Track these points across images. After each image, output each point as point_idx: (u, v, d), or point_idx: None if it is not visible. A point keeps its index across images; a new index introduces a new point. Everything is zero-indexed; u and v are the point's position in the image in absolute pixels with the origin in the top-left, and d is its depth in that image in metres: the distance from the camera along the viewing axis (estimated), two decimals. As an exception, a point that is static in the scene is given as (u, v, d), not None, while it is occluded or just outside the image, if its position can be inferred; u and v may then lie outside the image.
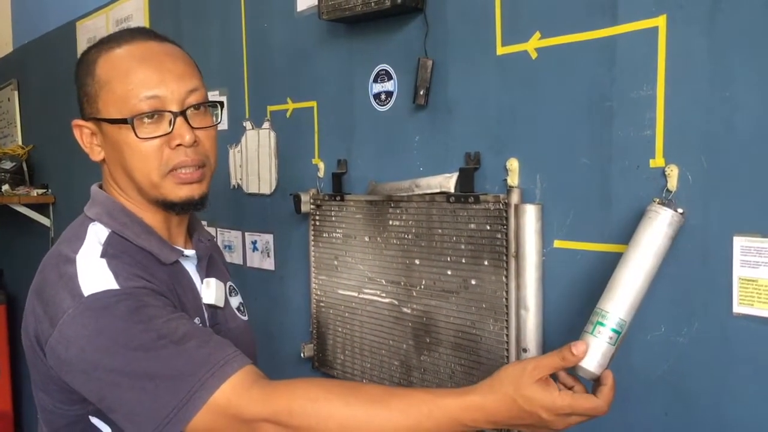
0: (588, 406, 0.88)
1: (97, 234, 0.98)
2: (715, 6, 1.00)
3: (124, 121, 0.94)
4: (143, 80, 0.95)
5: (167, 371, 0.86)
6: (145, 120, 0.95)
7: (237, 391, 0.86)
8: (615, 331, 0.95)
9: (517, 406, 0.87)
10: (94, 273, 0.91)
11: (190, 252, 1.06)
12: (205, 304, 1.06)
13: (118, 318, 0.87)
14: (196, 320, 1.02)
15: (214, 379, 0.86)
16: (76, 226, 1.02)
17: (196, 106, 0.99)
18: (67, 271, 0.92)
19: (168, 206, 1.01)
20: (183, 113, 0.96)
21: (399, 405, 0.86)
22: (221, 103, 1.05)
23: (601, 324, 0.96)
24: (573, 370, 0.95)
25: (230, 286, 1.17)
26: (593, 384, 0.93)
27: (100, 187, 1.06)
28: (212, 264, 1.13)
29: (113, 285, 0.90)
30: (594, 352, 0.94)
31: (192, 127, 0.97)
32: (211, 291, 1.07)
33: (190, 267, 1.07)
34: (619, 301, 0.97)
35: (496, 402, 0.87)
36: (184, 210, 1.02)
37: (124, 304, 0.88)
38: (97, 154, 1.02)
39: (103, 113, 0.97)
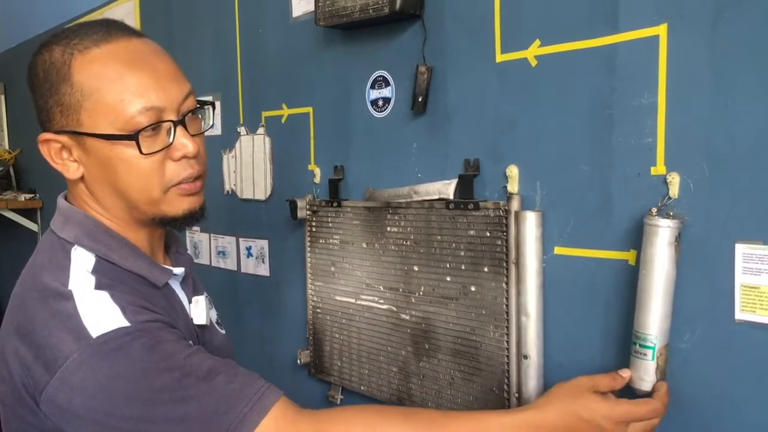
0: (647, 408, 0.91)
1: (82, 261, 0.87)
2: (716, 15, 1.01)
3: (126, 138, 0.84)
4: (139, 89, 0.84)
5: (198, 412, 0.79)
6: (146, 132, 0.85)
7: (280, 424, 0.81)
8: (648, 347, 1.02)
9: (576, 417, 0.88)
10: (98, 309, 0.81)
11: (179, 270, 0.98)
12: (195, 325, 0.99)
13: (135, 359, 0.78)
14: (189, 344, 0.91)
15: (252, 413, 0.80)
16: (49, 250, 0.90)
17: (192, 111, 0.90)
18: (63, 308, 0.81)
19: (167, 222, 0.92)
20: (182, 121, 0.87)
21: (457, 427, 0.85)
22: (213, 104, 0.96)
23: (634, 344, 1.04)
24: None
25: (207, 297, 1.07)
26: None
27: (66, 199, 0.95)
28: (192, 278, 1.06)
29: (122, 321, 0.80)
30: (638, 371, 1.03)
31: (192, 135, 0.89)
32: (200, 310, 0.99)
33: (176, 285, 0.99)
34: (644, 319, 1.03)
35: (555, 415, 0.88)
36: (186, 224, 0.94)
37: (140, 342, 0.79)
38: (74, 172, 0.89)
39: (89, 127, 0.84)
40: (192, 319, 0.99)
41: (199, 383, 0.80)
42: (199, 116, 0.93)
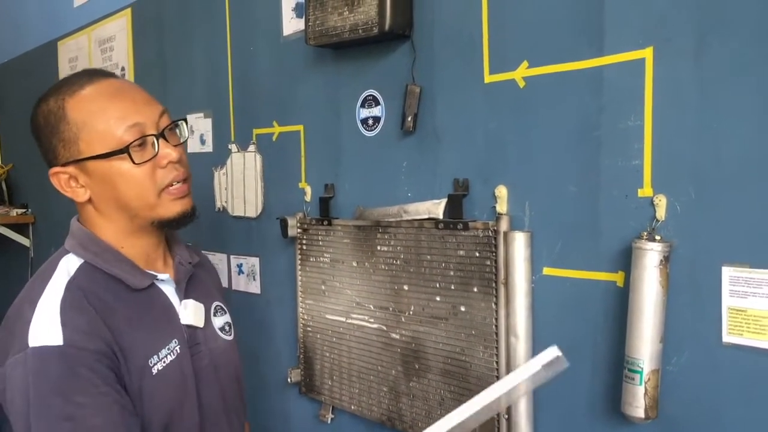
0: None
1: (68, 264, 1.02)
2: (701, 39, 1.02)
3: (120, 152, 0.98)
4: (122, 113, 1.00)
5: None
6: (135, 147, 0.99)
7: None
8: (635, 372, 1.04)
9: None
10: (44, 323, 0.94)
11: (164, 276, 1.09)
12: (183, 325, 1.09)
13: (46, 380, 0.91)
14: (174, 342, 1.05)
15: None
16: (53, 257, 1.06)
17: (170, 127, 1.05)
18: (26, 315, 0.96)
19: (164, 224, 1.05)
20: (162, 134, 1.02)
21: None
22: (186, 120, 1.10)
23: (625, 368, 1.06)
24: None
25: (216, 306, 1.21)
26: None
27: (79, 221, 1.09)
28: (195, 285, 1.16)
29: (57, 339, 0.92)
30: (627, 396, 1.05)
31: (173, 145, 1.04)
32: (188, 312, 1.10)
33: (169, 289, 1.10)
34: (632, 343, 1.05)
35: None
36: (181, 224, 1.06)
37: (57, 366, 0.91)
38: (82, 195, 1.04)
39: (87, 152, 1.00)
40: (180, 319, 1.10)
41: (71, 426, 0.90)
42: (176, 132, 1.08)
